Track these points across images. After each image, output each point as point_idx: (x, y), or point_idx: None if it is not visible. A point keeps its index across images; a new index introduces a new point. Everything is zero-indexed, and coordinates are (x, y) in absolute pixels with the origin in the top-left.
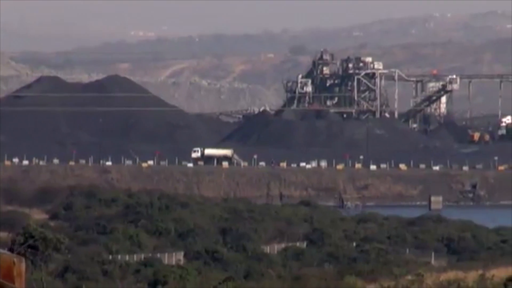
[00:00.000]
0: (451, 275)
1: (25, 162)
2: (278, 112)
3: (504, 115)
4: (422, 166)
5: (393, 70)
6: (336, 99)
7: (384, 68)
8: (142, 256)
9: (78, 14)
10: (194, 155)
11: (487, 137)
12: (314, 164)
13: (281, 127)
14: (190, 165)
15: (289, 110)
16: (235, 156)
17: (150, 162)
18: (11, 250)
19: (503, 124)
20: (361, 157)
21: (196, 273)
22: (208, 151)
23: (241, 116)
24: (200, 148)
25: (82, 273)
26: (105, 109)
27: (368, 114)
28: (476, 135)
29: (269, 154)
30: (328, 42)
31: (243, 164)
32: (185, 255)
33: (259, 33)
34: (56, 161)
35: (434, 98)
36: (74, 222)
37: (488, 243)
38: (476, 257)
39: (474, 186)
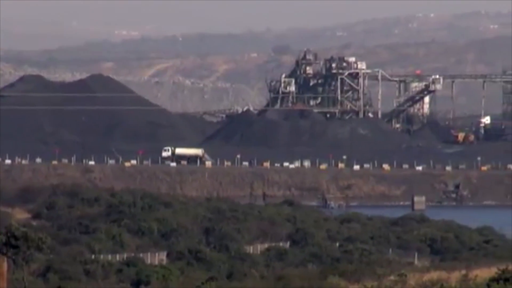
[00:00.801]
0: (434, 275)
1: (8, 161)
2: (262, 112)
3: (486, 116)
4: (405, 166)
5: (376, 70)
6: (319, 99)
7: (367, 68)
8: (125, 255)
9: (61, 13)
10: (164, 154)
11: (471, 137)
12: (297, 164)
13: (265, 126)
14: (173, 164)
15: (272, 110)
16: (206, 156)
17: (133, 162)
18: None
19: (482, 124)
20: (345, 157)
21: (179, 273)
22: (179, 151)
23: (224, 116)
24: (171, 147)
25: (64, 272)
26: (89, 108)
27: (352, 114)
28: (461, 136)
29: (252, 154)
30: (312, 42)
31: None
32: (168, 255)
33: (243, 32)
34: (38, 160)
35: (417, 98)
36: (57, 222)
37: (471, 243)
38: (459, 258)
39: (457, 186)
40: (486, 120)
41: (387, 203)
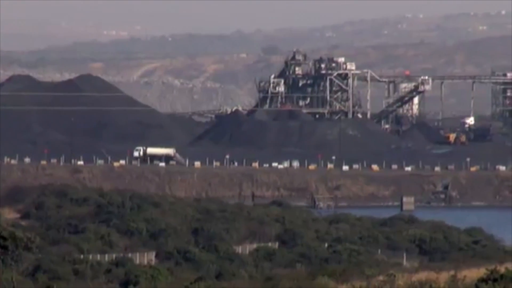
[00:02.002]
0: (422, 275)
1: None
2: (251, 112)
3: (472, 116)
4: (394, 166)
5: (365, 70)
6: (308, 99)
7: (356, 68)
8: (114, 256)
9: (50, 13)
10: (135, 154)
11: (463, 138)
12: (286, 164)
13: (254, 127)
14: (162, 164)
15: (261, 110)
16: (177, 155)
17: (122, 162)
18: None
19: (466, 125)
20: (333, 157)
21: (168, 273)
22: (150, 150)
23: (213, 116)
24: (142, 147)
25: (53, 272)
26: (77, 109)
27: (341, 115)
28: (452, 136)
29: (241, 154)
30: (301, 43)
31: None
32: (156, 255)
33: (232, 33)
34: (27, 160)
35: (406, 99)
36: (46, 222)
37: (459, 244)
38: (448, 258)
39: (446, 187)
40: (471, 121)
41: (376, 204)
